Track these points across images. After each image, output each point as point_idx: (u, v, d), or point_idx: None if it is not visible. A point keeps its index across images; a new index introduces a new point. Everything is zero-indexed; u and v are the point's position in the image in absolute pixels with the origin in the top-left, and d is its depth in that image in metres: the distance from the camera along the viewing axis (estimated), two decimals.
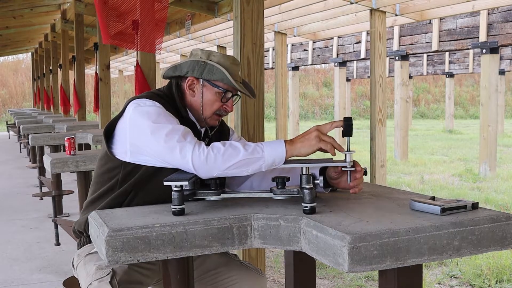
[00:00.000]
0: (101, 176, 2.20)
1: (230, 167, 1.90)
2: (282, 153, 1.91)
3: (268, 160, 1.91)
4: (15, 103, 30.41)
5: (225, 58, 2.18)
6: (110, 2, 5.35)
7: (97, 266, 2.09)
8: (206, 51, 2.20)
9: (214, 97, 2.18)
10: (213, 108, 2.19)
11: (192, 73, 2.16)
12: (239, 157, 1.89)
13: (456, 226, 1.62)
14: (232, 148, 1.90)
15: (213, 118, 2.22)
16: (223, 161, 1.89)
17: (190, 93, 2.20)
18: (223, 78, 2.13)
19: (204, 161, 1.89)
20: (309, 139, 1.95)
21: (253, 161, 1.90)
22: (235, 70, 2.20)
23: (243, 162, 1.90)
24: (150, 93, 2.20)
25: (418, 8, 8.01)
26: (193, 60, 2.18)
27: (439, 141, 16.38)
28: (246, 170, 1.91)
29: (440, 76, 30.58)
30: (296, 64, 15.72)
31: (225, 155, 1.89)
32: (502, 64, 15.55)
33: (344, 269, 1.50)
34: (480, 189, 8.34)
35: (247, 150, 1.90)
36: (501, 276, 4.26)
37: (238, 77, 2.22)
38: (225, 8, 7.49)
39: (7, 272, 4.41)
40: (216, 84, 2.16)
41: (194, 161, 1.90)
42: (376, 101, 7.12)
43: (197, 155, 1.89)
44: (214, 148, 1.91)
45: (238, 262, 2.35)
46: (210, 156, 1.89)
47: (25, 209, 6.70)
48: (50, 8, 11.01)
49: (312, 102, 31.99)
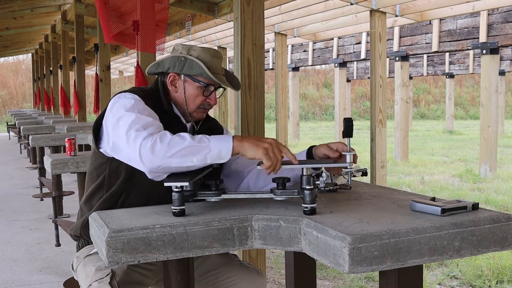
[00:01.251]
0: (90, 174, 2.22)
1: (174, 154, 1.85)
2: (229, 146, 1.89)
3: (213, 151, 1.87)
4: (15, 104, 30.41)
5: (205, 52, 2.18)
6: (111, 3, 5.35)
7: (96, 267, 2.09)
8: (187, 46, 2.21)
9: (196, 92, 2.19)
10: (196, 102, 2.20)
11: (173, 69, 2.18)
12: (184, 144, 1.86)
13: (457, 226, 1.62)
14: (179, 136, 1.89)
15: (198, 112, 2.23)
16: (168, 148, 1.85)
17: (172, 89, 2.22)
18: (202, 72, 2.13)
19: (149, 149, 1.85)
20: (259, 145, 1.88)
21: (199, 150, 1.86)
22: (216, 63, 2.20)
23: (188, 150, 1.86)
24: (134, 88, 2.22)
25: (418, 9, 8.01)
26: (174, 55, 2.20)
27: (439, 141, 16.37)
28: (191, 159, 1.86)
29: (440, 77, 30.59)
30: (296, 64, 15.73)
31: (171, 143, 1.86)
32: (502, 64, 15.56)
33: (344, 270, 1.50)
34: (481, 189, 8.34)
35: (194, 139, 1.89)
36: (502, 276, 4.26)
37: (219, 70, 2.22)
38: (225, 9, 7.49)
39: (7, 273, 4.41)
40: (197, 78, 2.17)
41: (141, 150, 1.86)
42: (377, 101, 7.12)
43: (145, 143, 1.86)
44: (162, 136, 1.88)
45: (238, 262, 2.34)
46: (156, 144, 1.85)
47: (26, 210, 6.70)
48: (50, 9, 11.01)
49: (312, 102, 32.00)
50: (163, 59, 2.23)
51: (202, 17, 8.16)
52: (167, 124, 2.11)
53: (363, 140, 14.94)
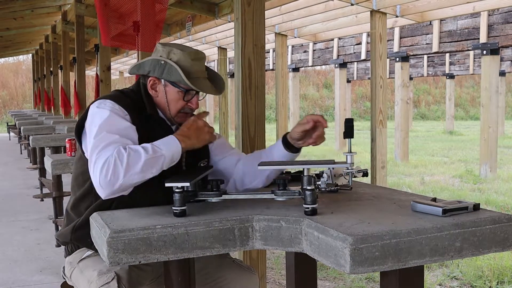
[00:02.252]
0: (76, 179, 2.21)
1: (134, 172, 1.89)
2: (178, 147, 1.98)
3: (167, 157, 1.95)
4: (15, 104, 30.41)
5: (185, 56, 2.15)
6: (111, 4, 5.36)
7: (98, 271, 2.06)
8: (167, 47, 2.18)
9: (177, 96, 2.17)
10: (177, 106, 2.18)
11: (153, 73, 2.16)
12: (142, 160, 1.89)
13: (458, 227, 1.62)
14: (134, 152, 1.90)
15: (179, 116, 2.21)
16: (127, 168, 1.88)
17: (153, 93, 2.20)
18: (180, 80, 2.11)
19: (110, 174, 1.87)
20: (203, 132, 2.05)
21: (155, 161, 1.92)
22: (197, 66, 2.17)
23: (147, 164, 1.90)
24: (116, 93, 2.21)
25: (418, 10, 8.01)
26: (154, 58, 2.18)
27: (440, 142, 16.37)
28: (151, 171, 1.92)
29: (440, 77, 30.58)
30: (296, 65, 15.73)
31: (129, 162, 1.88)
32: (502, 65, 15.55)
33: (345, 271, 1.50)
34: (481, 190, 8.34)
35: (148, 151, 1.92)
36: (502, 277, 4.25)
37: (200, 73, 2.19)
38: (225, 10, 7.49)
39: (8, 273, 4.41)
40: (177, 84, 2.15)
41: (100, 177, 1.89)
42: (377, 102, 7.12)
43: (106, 168, 1.88)
44: (119, 156, 1.89)
45: (230, 260, 2.34)
46: (115, 167, 1.87)
47: (26, 211, 6.70)
48: (50, 9, 11.01)
49: (313, 103, 32.00)
50: (144, 61, 2.21)
51: (203, 18, 8.16)
52: (151, 129, 2.13)
53: (363, 140, 14.94)
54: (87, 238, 2.08)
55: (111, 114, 2.03)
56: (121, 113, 2.07)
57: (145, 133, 2.08)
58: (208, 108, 23.69)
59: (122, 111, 2.07)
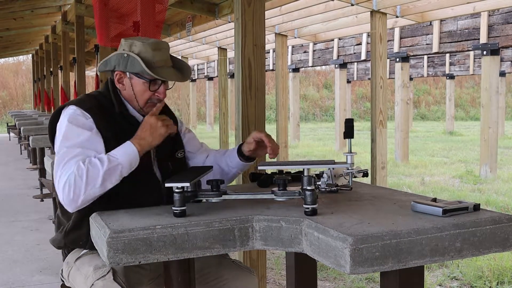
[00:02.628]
0: None
1: (94, 186, 1.94)
2: (134, 152, 2.01)
3: (125, 164, 1.98)
4: (15, 104, 30.41)
5: (146, 47, 2.17)
6: (111, 4, 5.36)
7: (94, 266, 2.09)
8: (129, 41, 2.21)
9: (143, 87, 2.19)
10: (144, 97, 2.20)
11: (118, 67, 2.19)
12: (100, 173, 1.93)
13: (458, 227, 1.62)
14: (93, 166, 1.94)
15: (148, 107, 2.22)
16: (87, 183, 1.93)
17: (120, 86, 2.23)
18: (142, 70, 2.13)
19: (71, 192, 1.93)
20: (157, 129, 2.06)
21: (113, 170, 1.96)
22: (159, 56, 2.19)
23: (106, 175, 1.94)
24: (82, 96, 2.25)
25: (418, 10, 8.00)
26: (118, 53, 2.21)
27: (440, 142, 16.37)
28: (111, 181, 1.96)
29: (440, 78, 30.58)
30: (296, 65, 15.73)
31: (88, 177, 1.93)
32: (502, 65, 15.55)
33: (345, 271, 1.50)
34: (481, 191, 8.34)
35: (104, 162, 1.95)
36: (502, 278, 4.25)
37: (163, 62, 2.21)
38: (225, 10, 7.49)
39: (8, 273, 4.41)
40: (140, 75, 2.17)
41: (63, 193, 1.95)
42: (377, 102, 7.12)
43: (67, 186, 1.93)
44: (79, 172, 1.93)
45: (229, 261, 2.34)
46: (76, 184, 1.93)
47: (26, 211, 6.70)
48: (50, 9, 11.00)
49: (313, 103, 32.00)
50: (110, 56, 2.24)
51: (203, 18, 8.16)
52: (120, 127, 2.15)
53: (363, 141, 14.93)
54: (80, 240, 2.17)
55: (71, 126, 2.07)
56: (83, 119, 2.09)
57: (114, 133, 2.12)
58: (208, 109, 23.70)
59: (84, 115, 2.10)
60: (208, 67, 21.63)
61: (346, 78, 15.31)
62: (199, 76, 22.98)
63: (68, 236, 2.20)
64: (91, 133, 2.07)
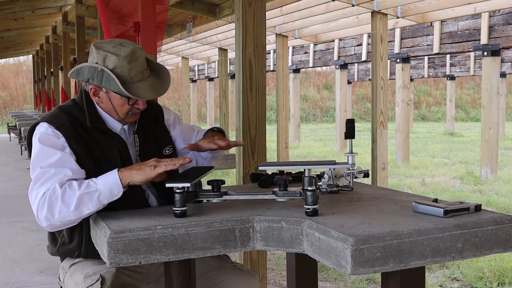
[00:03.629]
0: None
1: (69, 210, 1.90)
2: (116, 180, 1.93)
3: (104, 191, 1.92)
4: (16, 105, 30.42)
5: (121, 60, 2.07)
6: (112, 5, 5.36)
7: (84, 274, 2.09)
8: (102, 52, 2.10)
9: (121, 101, 2.12)
10: (123, 111, 2.14)
11: (93, 81, 2.10)
12: (75, 196, 1.90)
13: (459, 228, 1.62)
14: (69, 189, 1.92)
15: (129, 118, 2.17)
16: (62, 206, 1.91)
17: (97, 99, 2.15)
18: (119, 90, 2.06)
19: (45, 213, 1.92)
20: (145, 167, 1.95)
21: (90, 196, 1.91)
22: (136, 68, 2.10)
23: (80, 200, 1.90)
24: (55, 111, 2.18)
25: (419, 11, 8.00)
26: (91, 66, 2.12)
27: (440, 143, 16.37)
28: (87, 207, 1.91)
29: (441, 79, 30.58)
30: (297, 66, 15.73)
31: (63, 200, 1.90)
32: (503, 66, 15.54)
33: (347, 272, 1.49)
34: (482, 191, 8.33)
35: (81, 186, 1.91)
36: (503, 278, 4.25)
37: (142, 74, 2.12)
38: (226, 11, 7.48)
39: (8, 274, 4.41)
40: (117, 92, 2.10)
41: (38, 214, 1.94)
42: (378, 103, 7.11)
43: (41, 207, 1.93)
44: (54, 194, 1.92)
45: (231, 264, 2.32)
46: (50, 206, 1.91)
47: (26, 211, 6.69)
48: (51, 10, 11.01)
49: (313, 104, 31.99)
50: (82, 66, 2.15)
51: (203, 19, 8.15)
52: (96, 141, 2.11)
53: (364, 142, 14.92)
54: (72, 253, 2.17)
55: (42, 146, 2.03)
56: (54, 139, 2.05)
57: (88, 148, 2.08)
58: (209, 110, 23.70)
59: (55, 135, 2.05)
60: (208, 67, 21.64)
61: (346, 79, 15.31)
62: (200, 76, 22.99)
63: (60, 250, 2.22)
64: (63, 152, 2.02)
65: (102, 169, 2.02)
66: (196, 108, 24.33)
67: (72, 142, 2.06)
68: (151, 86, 2.13)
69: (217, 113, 19.47)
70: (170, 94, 30.66)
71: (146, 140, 2.25)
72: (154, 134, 2.28)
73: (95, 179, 1.94)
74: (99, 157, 2.09)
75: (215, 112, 23.36)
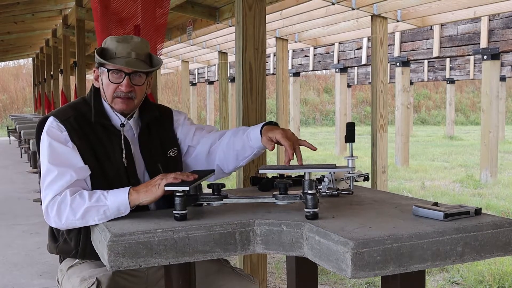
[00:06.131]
0: None
1: (76, 218, 1.94)
2: (125, 200, 1.93)
3: (112, 208, 1.92)
4: (16, 108, 30.42)
5: (112, 39, 2.18)
6: (112, 8, 5.36)
7: (81, 278, 2.09)
8: (107, 38, 2.21)
9: (107, 81, 2.16)
10: (109, 91, 2.17)
11: (96, 64, 2.21)
12: (84, 206, 1.92)
13: (459, 231, 1.62)
14: (80, 197, 1.94)
15: (116, 103, 2.18)
16: (70, 213, 1.94)
17: (96, 83, 2.23)
18: (99, 61, 2.15)
19: (55, 214, 1.96)
20: (152, 188, 1.94)
21: (97, 209, 1.92)
22: (122, 47, 2.15)
23: (88, 211, 1.92)
24: (63, 106, 2.24)
25: (419, 14, 8.01)
26: None
27: (440, 147, 16.36)
28: (93, 219, 1.93)
29: (441, 82, 30.58)
30: (297, 70, 15.73)
31: (72, 207, 1.94)
32: (503, 70, 15.55)
33: (347, 275, 1.49)
34: (481, 195, 8.33)
35: (91, 198, 1.93)
36: (503, 282, 4.24)
37: (127, 53, 2.15)
38: (226, 14, 7.49)
39: (8, 277, 4.40)
40: (104, 67, 2.16)
41: (48, 212, 1.98)
42: (378, 107, 7.12)
43: (51, 206, 1.97)
44: (64, 200, 1.95)
45: (230, 269, 2.30)
46: (60, 209, 1.95)
47: (26, 214, 6.69)
48: (51, 13, 11.03)
49: (313, 108, 32.00)
50: None
51: (203, 22, 8.16)
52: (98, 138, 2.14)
53: (363, 145, 14.93)
54: (69, 253, 2.18)
55: (50, 140, 2.07)
56: (58, 132, 2.08)
57: (90, 143, 2.11)
58: (209, 112, 23.71)
59: (59, 128, 2.09)
60: (208, 71, 21.63)
61: (346, 83, 15.31)
62: (200, 80, 22.98)
63: (59, 248, 2.23)
64: (66, 147, 2.07)
65: (103, 165, 2.07)
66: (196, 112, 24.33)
67: (74, 137, 2.09)
68: (134, 62, 2.16)
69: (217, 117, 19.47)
70: (169, 97, 30.68)
71: (150, 139, 2.26)
72: (159, 134, 2.29)
73: (106, 193, 1.95)
74: (101, 153, 2.11)
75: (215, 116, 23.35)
